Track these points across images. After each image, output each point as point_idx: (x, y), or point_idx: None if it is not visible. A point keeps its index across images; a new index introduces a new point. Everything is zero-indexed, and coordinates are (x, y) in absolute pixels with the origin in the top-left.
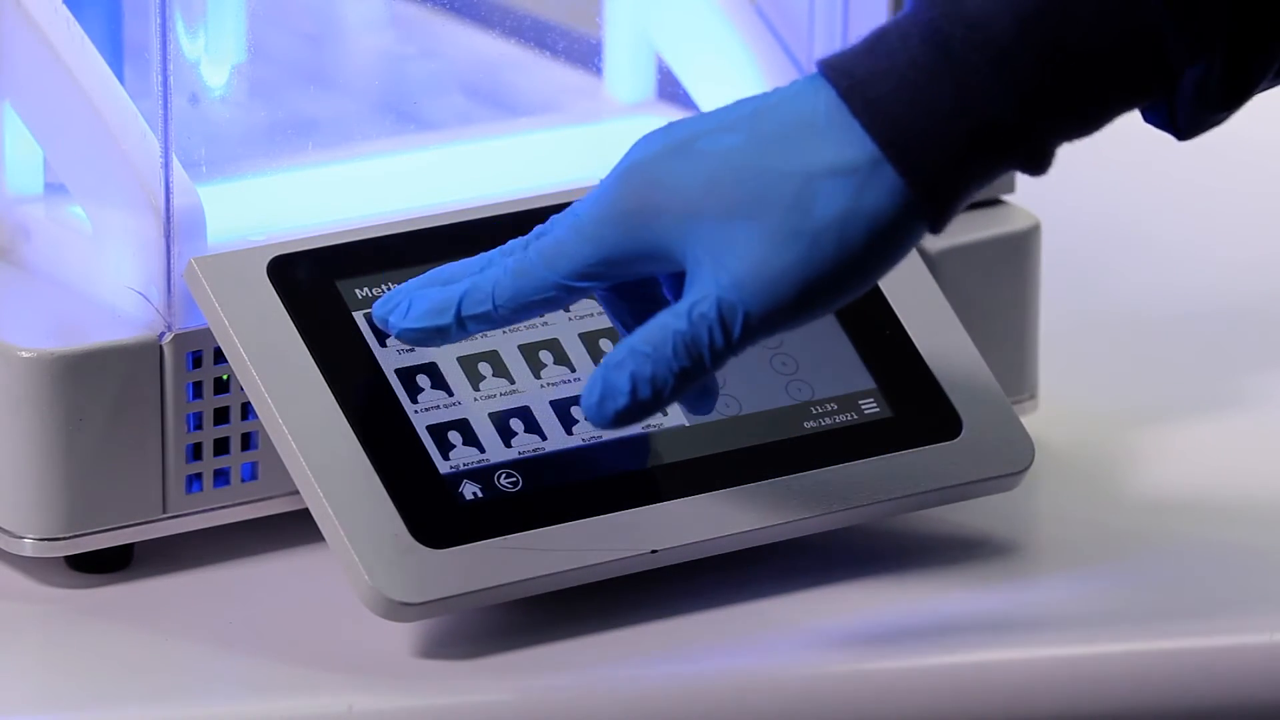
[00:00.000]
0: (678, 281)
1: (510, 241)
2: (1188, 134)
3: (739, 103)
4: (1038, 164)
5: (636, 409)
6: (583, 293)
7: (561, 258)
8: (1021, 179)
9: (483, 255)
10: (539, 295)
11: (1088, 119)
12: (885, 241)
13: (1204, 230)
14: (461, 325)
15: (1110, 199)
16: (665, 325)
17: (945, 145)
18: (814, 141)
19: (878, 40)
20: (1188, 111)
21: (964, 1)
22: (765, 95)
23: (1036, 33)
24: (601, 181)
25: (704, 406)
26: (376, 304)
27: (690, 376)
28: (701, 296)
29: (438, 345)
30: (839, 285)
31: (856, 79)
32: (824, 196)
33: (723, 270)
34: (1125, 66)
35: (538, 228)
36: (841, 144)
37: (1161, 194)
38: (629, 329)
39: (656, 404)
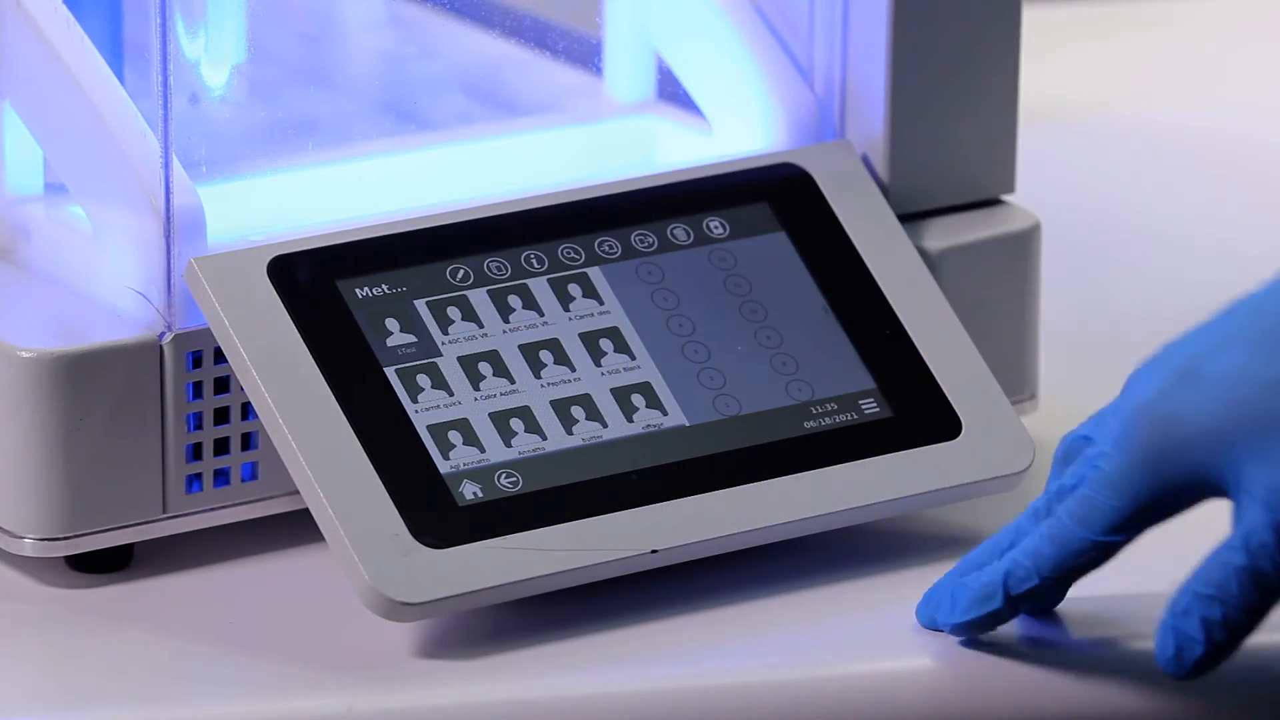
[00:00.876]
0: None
1: (1032, 502)
2: None
3: (1227, 313)
4: None
5: (1215, 654)
6: (1121, 545)
7: (1095, 514)
8: (1022, 179)
9: (1007, 528)
10: (1081, 558)
11: None
12: None
13: (1204, 230)
14: (1013, 606)
15: (1110, 199)
16: (1226, 563)
17: None
18: None
19: None
20: None
21: None
22: (1249, 298)
23: None
24: (1108, 419)
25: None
26: (921, 605)
27: (1262, 611)
28: (1256, 524)
29: (991, 630)
30: None
31: None
32: None
33: (1273, 492)
34: None
35: (1059, 485)
36: None
37: (1162, 194)
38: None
39: (1233, 645)
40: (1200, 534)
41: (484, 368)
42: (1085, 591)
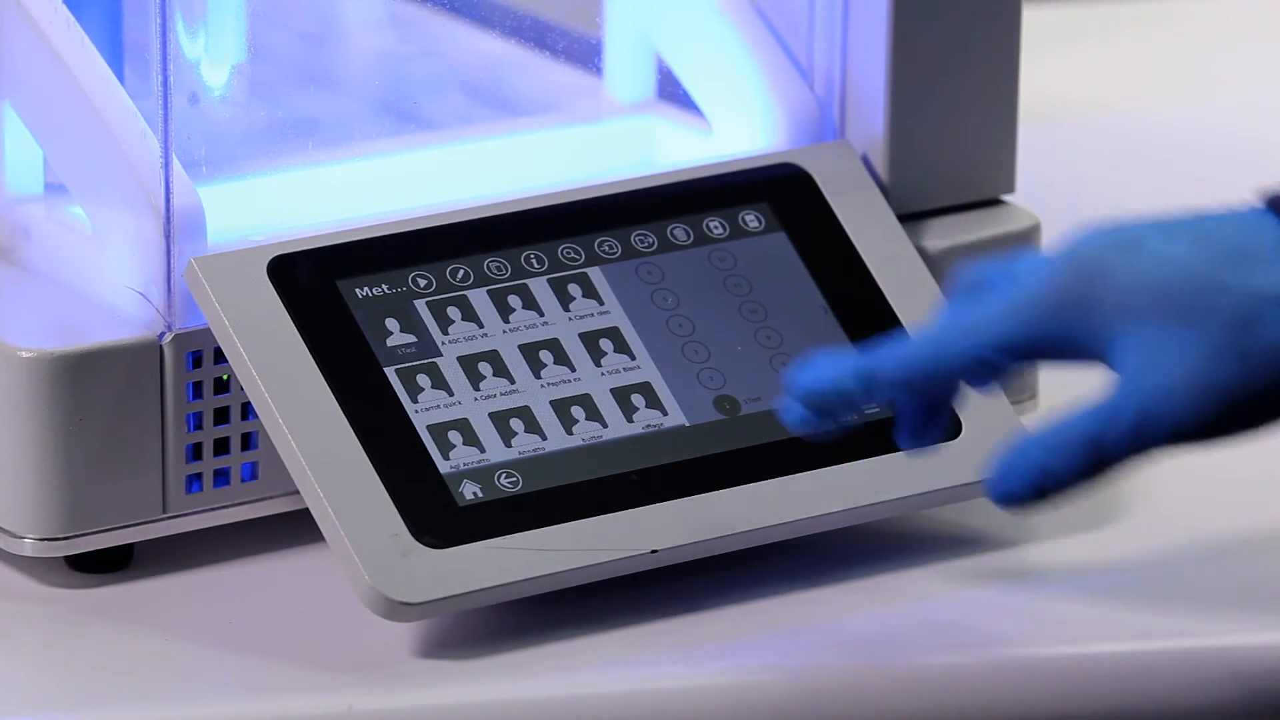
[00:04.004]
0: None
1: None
2: None
3: (1180, 215)
4: None
5: (1035, 499)
6: (998, 370)
7: (986, 330)
8: (1022, 179)
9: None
10: (957, 365)
11: None
12: None
13: None
14: (869, 391)
15: (1110, 199)
16: (1075, 425)
17: None
18: (1262, 267)
19: None
20: None
21: None
22: (1207, 214)
23: None
24: (1037, 261)
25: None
26: (792, 377)
27: (1090, 476)
28: (1124, 399)
29: (845, 414)
30: (1264, 412)
31: None
32: (1271, 321)
33: (1153, 375)
34: None
35: (960, 294)
36: None
37: (1162, 194)
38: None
39: (1054, 497)
40: (1198, 543)
41: (484, 368)
42: (1082, 593)
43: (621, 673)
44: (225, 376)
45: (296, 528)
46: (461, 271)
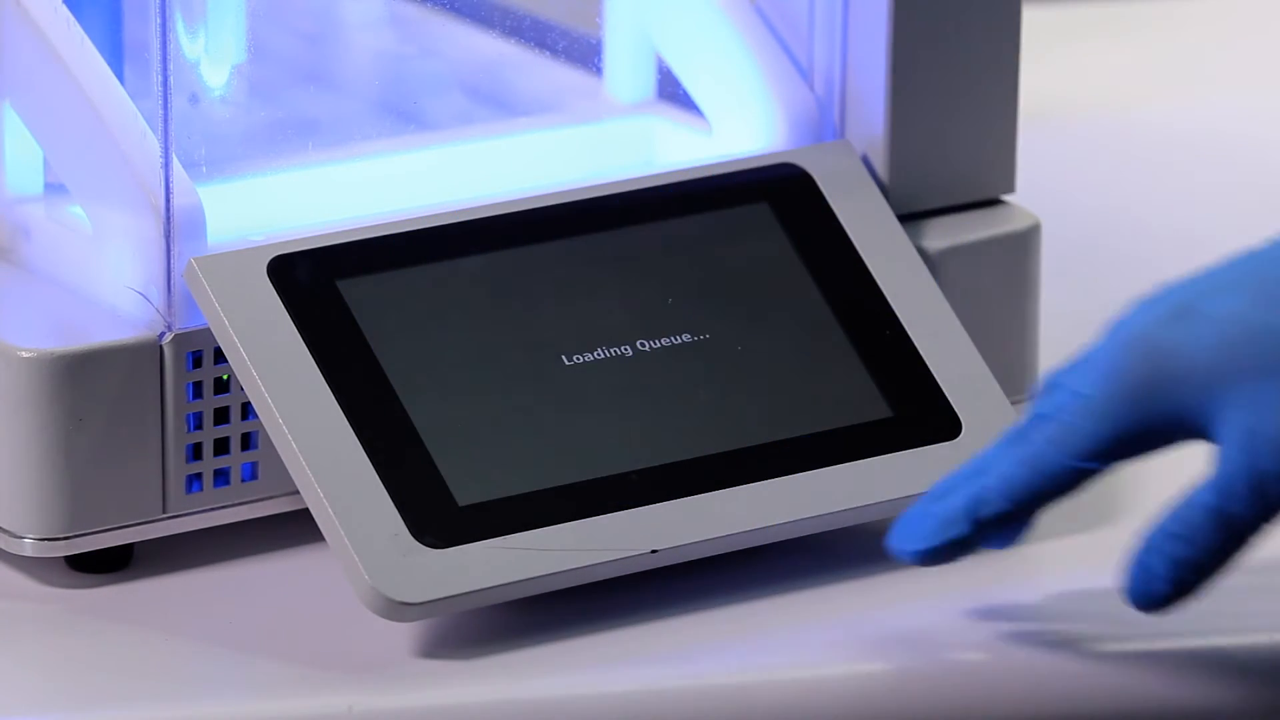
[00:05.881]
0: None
1: (1004, 432)
2: None
3: (1230, 262)
4: None
5: (1179, 592)
6: (1097, 474)
7: (1073, 439)
8: (1022, 179)
9: (976, 457)
10: (1053, 483)
11: None
12: None
13: (1205, 230)
14: (979, 531)
15: (1111, 199)
16: (1198, 504)
17: None
18: None
19: None
20: None
21: None
22: (1256, 252)
23: None
24: (1095, 353)
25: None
26: (890, 534)
27: (1228, 555)
28: (1232, 468)
29: (959, 558)
30: None
31: None
32: None
33: (1256, 433)
34: None
35: (1034, 409)
36: None
37: (1161, 194)
38: None
39: (1198, 585)
40: None
41: (484, 368)
42: (1082, 593)
43: (621, 673)
44: (225, 376)
45: (296, 528)
46: (462, 271)
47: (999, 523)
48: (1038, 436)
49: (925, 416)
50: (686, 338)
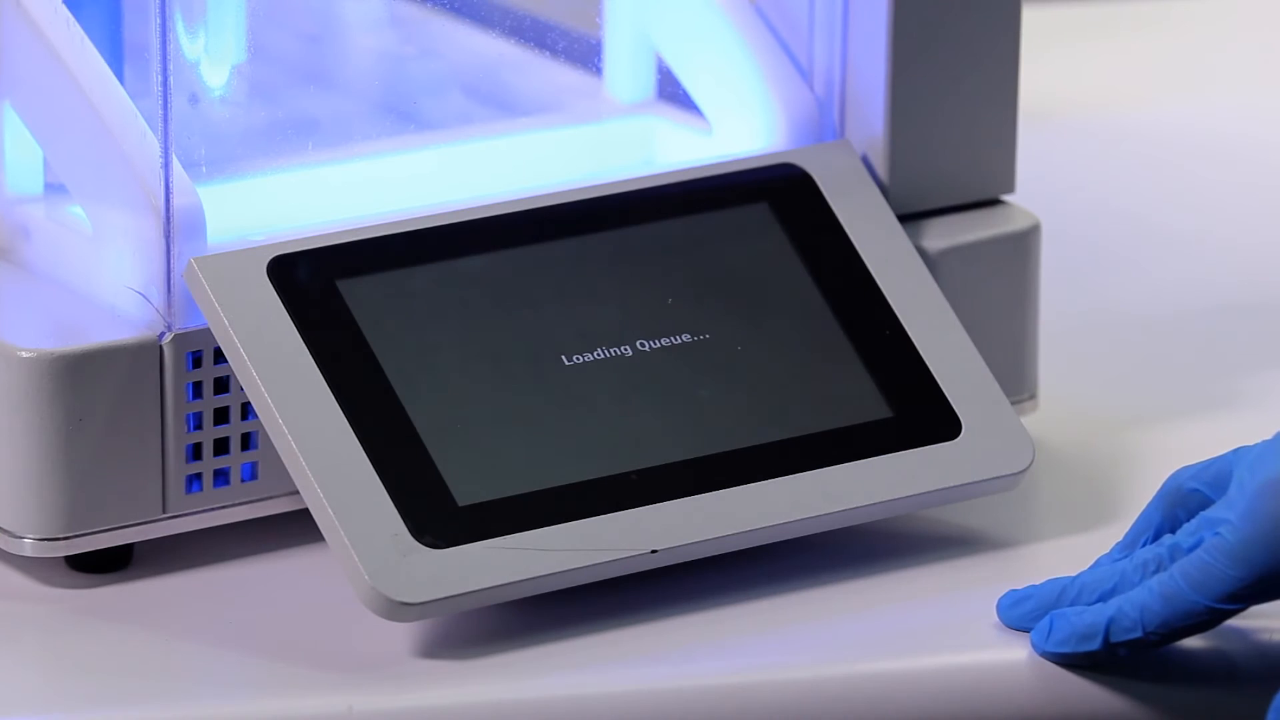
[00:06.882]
0: None
1: (1141, 551)
2: None
3: None
4: None
5: None
6: (1232, 614)
7: (1211, 581)
8: (1021, 179)
9: (1113, 565)
10: (1190, 621)
11: None
12: None
13: (1205, 230)
14: (1111, 651)
15: (1110, 199)
16: None
17: None
18: None
19: None
20: None
21: None
22: None
23: None
24: (1233, 496)
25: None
26: (1008, 607)
27: None
28: None
29: (1086, 666)
30: None
31: None
32: None
33: None
34: None
35: (1173, 539)
36: None
37: (1161, 194)
38: None
39: None
40: None
41: (484, 367)
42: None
43: (621, 673)
44: (225, 376)
45: (296, 528)
46: (461, 271)
47: (1128, 647)
48: (1178, 573)
49: (925, 416)
50: (686, 338)
